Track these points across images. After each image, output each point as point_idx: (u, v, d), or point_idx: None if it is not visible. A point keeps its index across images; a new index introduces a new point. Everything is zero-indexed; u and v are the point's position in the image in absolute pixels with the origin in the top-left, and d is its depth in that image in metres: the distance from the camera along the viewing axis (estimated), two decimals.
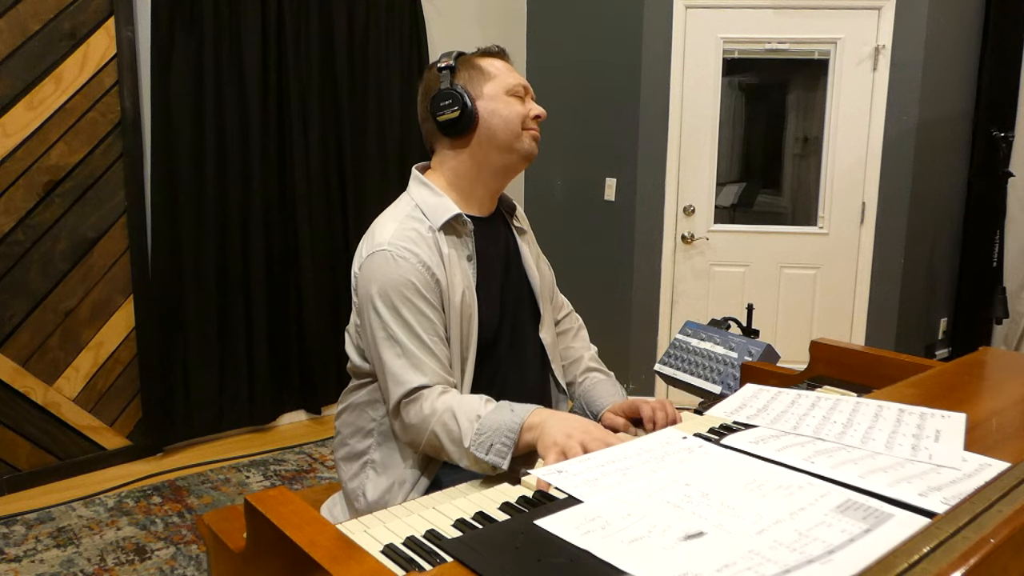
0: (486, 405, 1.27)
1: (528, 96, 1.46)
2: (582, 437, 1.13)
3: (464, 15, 4.00)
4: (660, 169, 3.74)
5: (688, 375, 1.78)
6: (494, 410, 1.25)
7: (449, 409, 1.26)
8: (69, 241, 2.96)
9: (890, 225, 3.74)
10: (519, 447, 1.20)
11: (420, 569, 0.83)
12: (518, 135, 1.43)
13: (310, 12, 3.40)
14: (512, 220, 1.57)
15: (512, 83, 1.44)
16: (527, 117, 1.43)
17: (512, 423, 1.21)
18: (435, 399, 1.28)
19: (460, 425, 1.24)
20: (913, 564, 0.66)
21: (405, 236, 1.35)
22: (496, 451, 1.21)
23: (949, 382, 1.33)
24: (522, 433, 1.21)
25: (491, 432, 1.22)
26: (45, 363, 2.96)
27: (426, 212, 1.40)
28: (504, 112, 1.42)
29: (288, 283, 3.53)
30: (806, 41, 3.63)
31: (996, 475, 0.87)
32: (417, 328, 1.31)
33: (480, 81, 1.43)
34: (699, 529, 0.83)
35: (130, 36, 3.00)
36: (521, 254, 1.54)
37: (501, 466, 1.20)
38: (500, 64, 1.46)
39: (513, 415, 1.23)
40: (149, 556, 2.47)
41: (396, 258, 1.32)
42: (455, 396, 1.30)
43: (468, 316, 1.38)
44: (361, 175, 3.64)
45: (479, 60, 1.45)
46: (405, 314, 1.31)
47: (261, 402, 3.51)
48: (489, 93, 1.43)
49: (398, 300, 1.32)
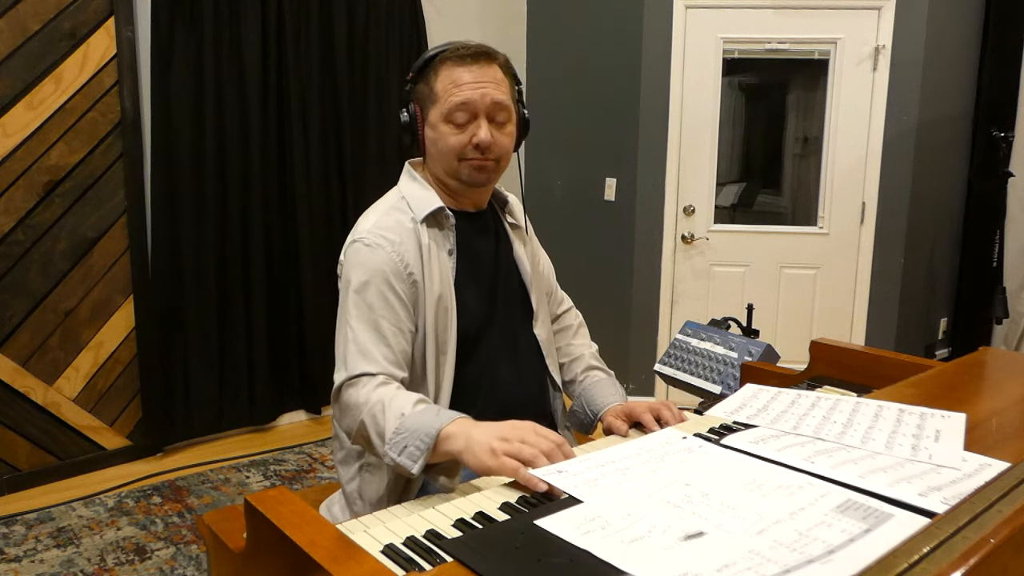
0: (416, 405, 1.21)
1: (477, 116, 1.35)
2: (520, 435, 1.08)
3: (464, 15, 4.00)
4: (660, 169, 3.74)
5: (688, 375, 1.78)
6: (422, 411, 1.19)
7: (381, 401, 1.22)
8: (69, 241, 2.96)
9: (890, 225, 3.74)
10: (436, 453, 1.14)
11: (420, 569, 0.83)
12: (456, 167, 1.38)
13: (310, 12, 3.40)
14: (504, 215, 1.55)
15: (451, 107, 1.33)
16: (466, 146, 1.35)
17: (430, 427, 1.15)
18: (372, 388, 1.25)
19: (386, 419, 1.20)
20: (913, 564, 0.66)
21: (384, 226, 1.36)
22: (409, 454, 1.15)
23: (949, 382, 1.33)
24: (439, 440, 1.13)
25: (408, 433, 1.16)
26: (45, 363, 2.96)
27: (411, 204, 1.40)
28: (440, 145, 1.37)
29: (288, 283, 3.53)
30: (806, 41, 3.63)
31: (996, 475, 0.87)
32: (377, 317, 1.31)
33: (429, 103, 1.38)
34: (699, 529, 0.83)
35: (130, 36, 3.00)
36: (513, 249, 1.53)
37: (411, 470, 1.15)
38: (456, 75, 1.34)
39: (436, 419, 1.16)
40: (149, 556, 2.47)
41: (371, 246, 1.33)
42: (391, 389, 1.26)
43: (444, 309, 1.37)
44: (361, 175, 3.64)
45: (438, 72, 1.36)
46: (368, 301, 1.31)
47: (261, 402, 3.51)
48: (433, 120, 1.37)
49: (364, 288, 1.32)
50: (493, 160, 1.38)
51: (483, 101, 1.34)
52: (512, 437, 1.08)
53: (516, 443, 1.07)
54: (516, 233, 1.55)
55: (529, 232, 1.60)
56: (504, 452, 1.06)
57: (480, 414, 1.28)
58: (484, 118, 1.35)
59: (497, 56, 1.39)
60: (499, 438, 1.08)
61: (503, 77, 1.39)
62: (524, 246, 1.56)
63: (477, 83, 1.34)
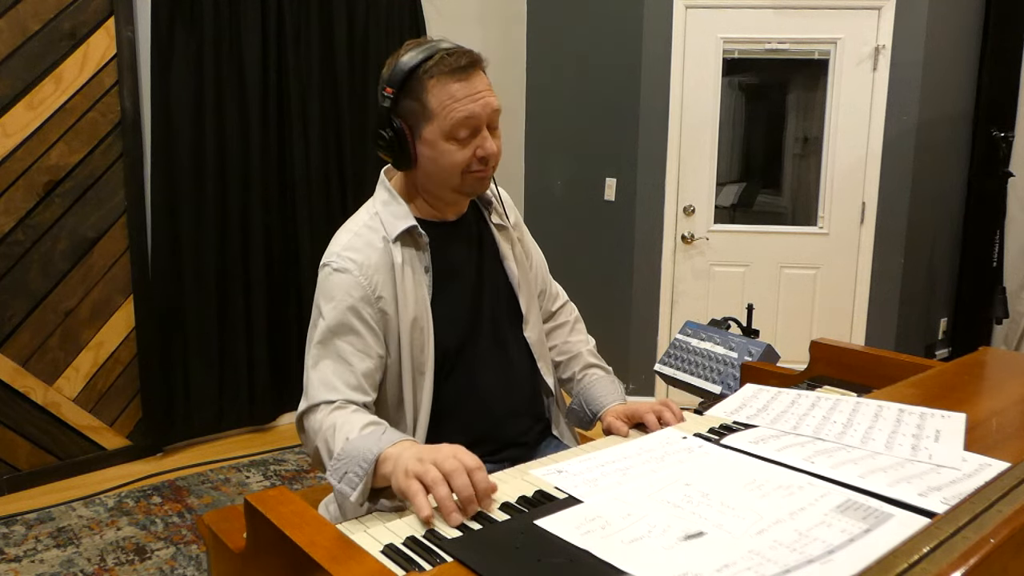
0: (364, 428, 1.16)
1: (481, 128, 1.30)
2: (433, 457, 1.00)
3: (464, 15, 4.00)
4: (660, 169, 3.74)
5: (688, 375, 1.78)
6: (367, 434, 1.14)
7: (333, 425, 1.19)
8: (69, 241, 2.96)
9: (890, 225, 3.74)
10: (376, 478, 1.08)
11: (420, 569, 0.83)
12: (459, 182, 1.33)
13: (310, 12, 3.40)
14: (490, 216, 1.49)
15: (453, 124, 1.27)
16: (471, 161, 1.31)
17: (368, 452, 1.09)
18: (327, 414, 1.23)
19: (335, 444, 1.16)
20: (913, 564, 0.66)
21: (354, 247, 1.33)
22: (348, 480, 1.10)
23: (949, 382, 1.33)
24: (379, 463, 1.08)
25: (348, 459, 1.11)
26: (45, 363, 2.96)
27: (384, 221, 1.35)
28: (442, 163, 1.30)
29: (288, 283, 3.53)
30: (806, 41, 3.63)
31: (996, 475, 0.87)
32: (341, 343, 1.29)
33: (421, 119, 1.29)
34: (699, 529, 0.83)
35: (130, 36, 3.00)
36: (500, 252, 1.48)
37: (350, 497, 1.09)
38: (451, 89, 1.27)
39: (377, 443, 1.10)
40: (149, 556, 2.47)
41: (338, 270, 1.31)
42: (345, 413, 1.22)
43: (420, 330, 1.34)
44: (361, 175, 3.64)
45: (426, 87, 1.27)
46: (332, 327, 1.29)
47: (261, 402, 3.51)
48: (429, 137, 1.29)
49: (330, 314, 1.30)
50: (492, 168, 1.36)
51: (484, 112, 1.29)
52: (427, 458, 1.01)
53: (428, 464, 0.99)
54: (502, 234, 1.50)
55: (519, 228, 1.56)
56: (415, 474, 1.00)
57: (466, 428, 1.27)
58: (486, 128, 1.31)
59: (481, 60, 1.32)
60: (416, 459, 1.02)
61: (487, 78, 1.34)
62: (512, 246, 1.51)
63: (476, 94, 1.28)
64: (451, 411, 1.39)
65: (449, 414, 1.39)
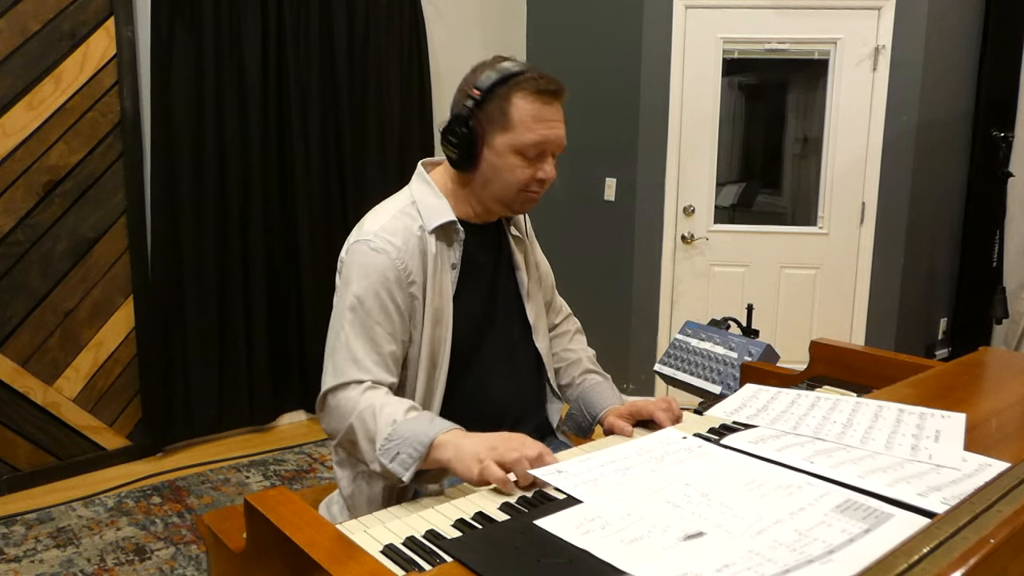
0: (408, 412, 1.21)
1: (547, 154, 1.35)
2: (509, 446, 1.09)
3: (464, 16, 4.00)
4: (660, 169, 3.74)
5: (688, 375, 1.79)
6: (415, 418, 1.20)
7: (371, 406, 1.22)
8: (69, 241, 2.96)
9: (890, 225, 3.74)
10: (427, 461, 1.15)
11: (420, 569, 0.84)
12: (512, 198, 1.36)
13: (310, 12, 3.40)
14: (509, 227, 1.53)
15: (527, 142, 1.31)
16: (531, 181, 1.35)
17: (424, 435, 1.15)
18: (361, 393, 1.25)
19: (378, 425, 1.20)
20: (913, 564, 0.66)
21: (391, 230, 1.33)
22: (401, 461, 1.16)
23: (949, 382, 1.33)
24: (432, 448, 1.14)
25: (401, 440, 1.17)
26: (45, 363, 2.96)
27: (421, 211, 1.37)
28: (505, 175, 1.33)
29: (288, 283, 3.53)
30: (806, 41, 3.63)
31: (996, 475, 0.87)
32: (372, 323, 1.29)
33: (498, 127, 1.32)
34: (699, 529, 0.83)
35: (130, 36, 3.00)
36: (514, 261, 1.52)
37: (402, 477, 1.15)
38: (537, 109, 1.31)
39: (430, 427, 1.17)
40: (149, 556, 2.47)
41: (375, 250, 1.31)
42: (380, 395, 1.26)
43: (441, 323, 1.36)
44: (361, 175, 3.64)
45: (512, 99, 1.31)
46: (366, 306, 1.30)
47: (261, 402, 3.51)
48: (499, 146, 1.32)
49: (363, 292, 1.30)
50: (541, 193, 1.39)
51: (556, 141, 1.35)
52: (500, 447, 1.08)
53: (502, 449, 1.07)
54: (518, 245, 1.54)
55: (531, 238, 1.60)
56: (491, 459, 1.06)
57: (472, 427, 1.28)
58: (551, 155, 1.36)
59: (565, 92, 1.38)
60: (488, 448, 1.09)
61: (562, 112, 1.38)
62: (525, 257, 1.55)
63: (554, 121, 1.34)
64: (460, 408, 1.40)
65: (458, 411, 1.39)
